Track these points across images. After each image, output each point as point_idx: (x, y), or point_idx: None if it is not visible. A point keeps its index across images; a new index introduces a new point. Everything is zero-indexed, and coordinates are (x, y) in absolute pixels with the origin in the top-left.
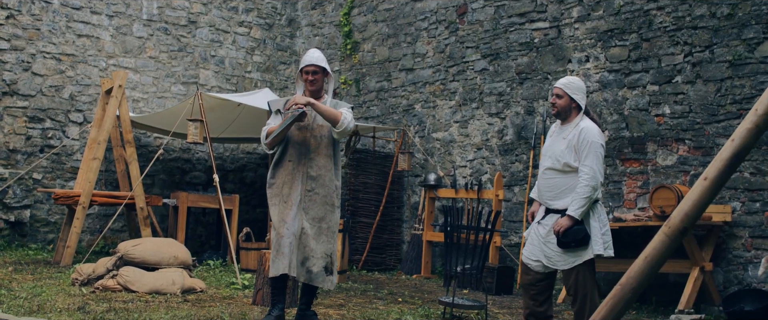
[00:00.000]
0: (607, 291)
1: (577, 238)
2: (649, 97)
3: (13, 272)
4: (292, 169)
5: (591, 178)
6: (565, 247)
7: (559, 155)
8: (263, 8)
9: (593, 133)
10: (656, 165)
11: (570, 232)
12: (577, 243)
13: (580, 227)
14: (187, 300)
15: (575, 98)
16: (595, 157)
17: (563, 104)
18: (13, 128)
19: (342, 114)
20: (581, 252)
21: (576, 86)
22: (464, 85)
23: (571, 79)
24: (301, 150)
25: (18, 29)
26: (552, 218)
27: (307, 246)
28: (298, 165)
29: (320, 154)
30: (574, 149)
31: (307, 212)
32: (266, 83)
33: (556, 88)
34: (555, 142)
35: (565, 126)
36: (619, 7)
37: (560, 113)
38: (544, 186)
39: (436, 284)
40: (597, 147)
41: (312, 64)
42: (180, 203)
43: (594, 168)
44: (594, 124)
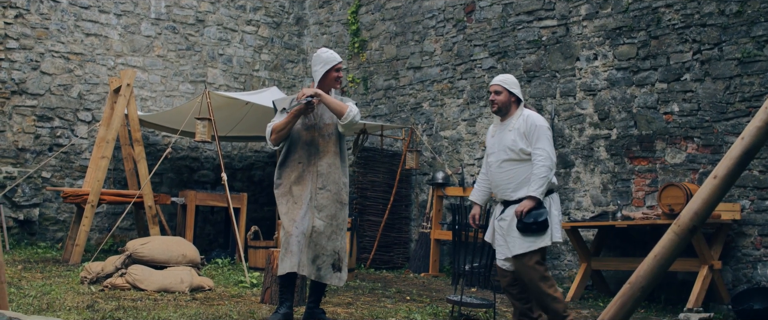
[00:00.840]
0: (616, 289)
1: (538, 221)
2: (658, 94)
3: (22, 270)
4: (302, 170)
5: (545, 159)
6: (526, 230)
7: (511, 145)
8: (271, 7)
9: (539, 118)
10: (665, 164)
11: (533, 214)
12: (538, 227)
13: (543, 210)
14: (196, 298)
15: (514, 92)
16: (546, 140)
17: (503, 100)
18: (22, 127)
19: (348, 106)
20: (538, 238)
21: (511, 81)
22: (472, 83)
23: (506, 75)
24: (310, 149)
25: (27, 28)
26: (512, 209)
27: (319, 244)
28: (308, 164)
29: (328, 152)
30: (525, 135)
31: (318, 210)
32: (274, 82)
33: (494, 85)
34: (502, 136)
35: (507, 120)
36: (628, 5)
37: (501, 109)
38: (502, 180)
39: (444, 282)
40: (545, 130)
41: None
42: (188, 201)
43: (546, 150)
44: (536, 113)
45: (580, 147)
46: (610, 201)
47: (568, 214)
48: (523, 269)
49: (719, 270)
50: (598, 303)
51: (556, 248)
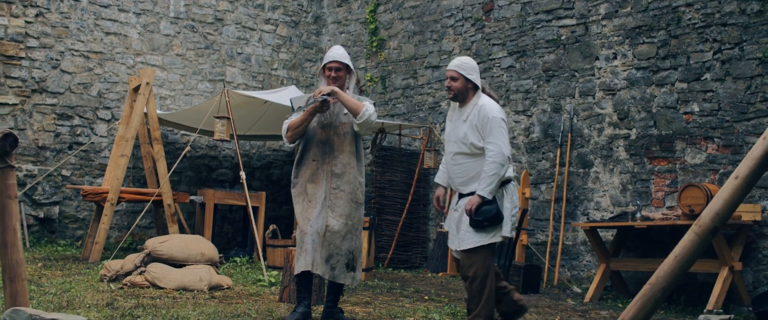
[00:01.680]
0: (635, 290)
1: (489, 216)
2: (678, 94)
3: (42, 268)
4: (316, 168)
5: (497, 155)
6: (478, 227)
7: (462, 138)
8: (289, 6)
9: (493, 109)
10: (685, 164)
11: (483, 211)
12: (489, 223)
13: (494, 206)
14: (214, 296)
15: (470, 78)
16: (499, 133)
17: (459, 86)
18: (42, 125)
19: (364, 105)
20: (488, 234)
21: (469, 66)
22: (490, 82)
23: (463, 59)
24: (325, 148)
25: (47, 27)
26: (464, 202)
27: (333, 243)
28: (322, 163)
29: (344, 151)
30: (477, 128)
31: (332, 210)
32: (292, 80)
33: (450, 70)
34: (456, 126)
35: (464, 108)
36: (647, 4)
37: (457, 96)
38: (454, 172)
39: (461, 282)
40: (498, 122)
41: (335, 61)
42: (207, 200)
43: (499, 145)
44: (492, 101)
45: (599, 147)
46: (629, 202)
47: (587, 214)
48: (467, 263)
49: (739, 272)
50: (617, 304)
51: (576, 248)
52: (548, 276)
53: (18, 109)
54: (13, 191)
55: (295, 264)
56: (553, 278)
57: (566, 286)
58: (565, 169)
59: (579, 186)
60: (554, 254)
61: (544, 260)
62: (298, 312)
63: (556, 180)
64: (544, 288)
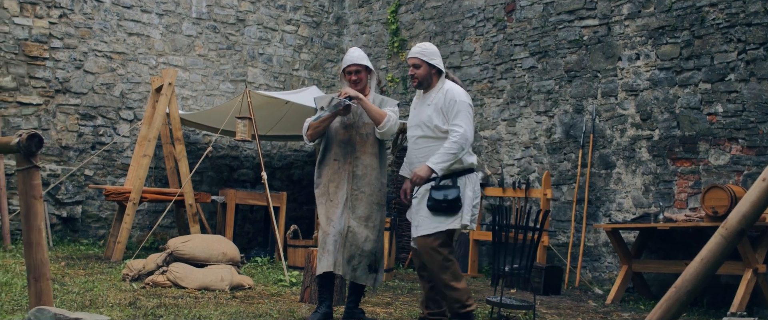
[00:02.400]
0: (657, 292)
1: (448, 199)
2: (701, 95)
3: (65, 267)
4: (337, 168)
5: (460, 137)
6: (436, 209)
7: (426, 120)
8: (311, 6)
9: (459, 93)
10: (708, 165)
11: (442, 191)
12: (448, 206)
13: (455, 189)
14: (236, 296)
15: (433, 63)
16: (465, 116)
17: (423, 73)
18: (65, 125)
19: (387, 115)
20: (447, 219)
21: (431, 51)
22: (512, 83)
23: (424, 45)
24: (347, 148)
25: (70, 28)
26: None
27: (354, 244)
28: (344, 163)
29: (366, 152)
30: (442, 111)
31: (353, 211)
32: (313, 81)
33: (411, 58)
34: (421, 110)
35: (428, 93)
36: (671, 4)
37: (421, 83)
38: (415, 157)
39: (482, 283)
40: (465, 106)
41: (354, 64)
42: (228, 200)
43: (464, 127)
44: (457, 86)
45: (621, 148)
46: (651, 203)
47: (609, 216)
48: (425, 250)
49: (764, 274)
50: (640, 306)
51: (597, 250)
52: (570, 278)
53: (42, 109)
54: (38, 191)
55: (317, 264)
56: (575, 279)
57: (588, 288)
58: (587, 170)
59: (601, 188)
60: (576, 255)
61: (565, 261)
62: (319, 312)
63: (577, 181)
64: (565, 289)
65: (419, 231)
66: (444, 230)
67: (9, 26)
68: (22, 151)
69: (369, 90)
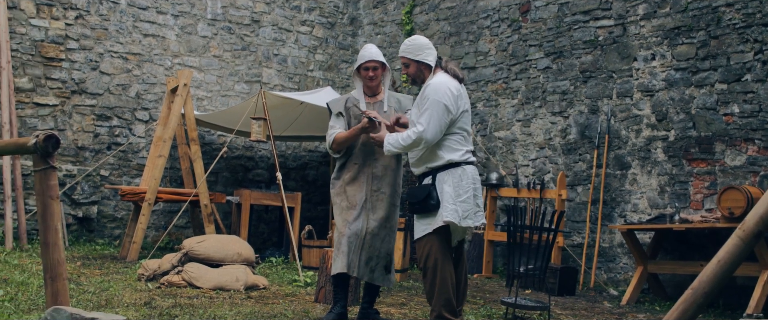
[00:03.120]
0: (674, 293)
1: (419, 199)
2: (718, 95)
3: (81, 266)
4: (357, 170)
5: (417, 134)
6: (413, 211)
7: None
8: (325, 7)
9: (436, 90)
10: (724, 166)
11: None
12: (421, 207)
13: (423, 187)
14: (251, 296)
15: (420, 59)
16: (431, 114)
17: (413, 71)
18: (81, 126)
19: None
20: (431, 220)
21: (416, 45)
22: (527, 83)
23: (410, 40)
24: (366, 150)
25: (86, 29)
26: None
27: (373, 246)
28: (364, 165)
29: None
30: (418, 106)
31: (373, 212)
32: (328, 82)
33: (401, 57)
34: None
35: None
36: (687, 4)
37: (415, 80)
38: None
39: (497, 284)
40: (435, 103)
41: (371, 60)
42: (243, 200)
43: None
44: (442, 80)
45: (637, 148)
46: (667, 204)
47: (624, 216)
48: (420, 254)
49: None
50: (655, 307)
51: (612, 250)
52: (585, 279)
53: (58, 110)
54: (54, 191)
55: (333, 265)
56: (590, 280)
57: (603, 289)
58: (602, 171)
59: (616, 188)
60: (591, 256)
61: (580, 262)
62: (334, 312)
63: (592, 181)
64: (580, 290)
65: (415, 236)
66: (431, 232)
67: (26, 27)
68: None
69: (382, 88)
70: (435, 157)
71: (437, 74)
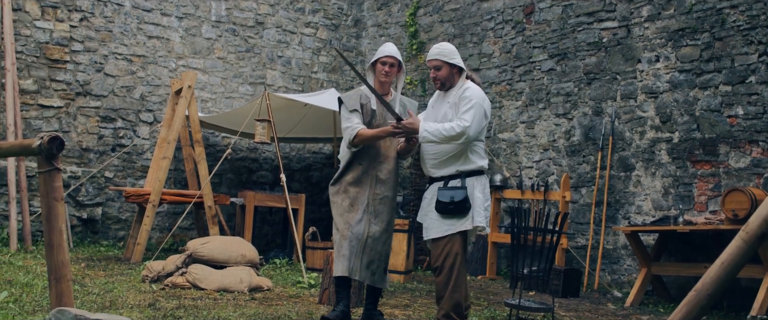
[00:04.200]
0: (677, 295)
1: (455, 201)
2: (722, 97)
3: (85, 268)
4: (362, 172)
5: (463, 127)
6: (444, 211)
7: (442, 117)
8: (329, 9)
9: (477, 93)
10: (728, 168)
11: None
12: (455, 208)
13: (461, 190)
14: (255, 298)
15: (454, 62)
16: (476, 113)
17: (444, 74)
18: (86, 128)
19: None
20: (458, 221)
21: (450, 50)
22: (531, 85)
23: (442, 45)
24: (371, 152)
25: (91, 31)
26: (434, 187)
27: (374, 249)
28: (369, 168)
29: (389, 156)
30: (456, 107)
31: (375, 216)
32: (332, 83)
33: (432, 60)
34: (439, 107)
35: (449, 92)
36: (691, 6)
37: (444, 83)
38: (428, 154)
39: (501, 285)
40: (479, 105)
41: (390, 55)
42: (247, 202)
43: (470, 122)
44: (479, 89)
45: (641, 150)
46: (671, 206)
47: (628, 218)
48: (435, 253)
49: None
50: (659, 309)
51: (616, 252)
52: (588, 280)
53: (62, 111)
54: (59, 193)
55: (334, 267)
56: (594, 282)
57: (607, 290)
58: (606, 173)
59: (620, 190)
60: (595, 258)
61: (584, 264)
62: (337, 310)
63: (596, 183)
64: (584, 292)
65: (430, 234)
66: (455, 232)
67: (31, 29)
68: (43, 154)
69: (393, 89)
70: (468, 160)
71: (468, 82)
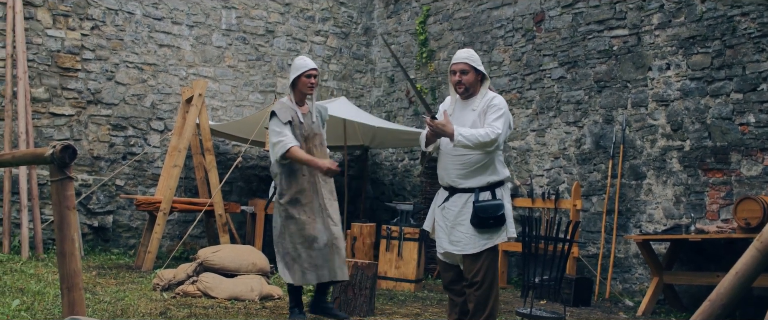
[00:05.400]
0: (689, 304)
1: (495, 215)
2: (733, 105)
3: (96, 276)
4: (306, 181)
5: (495, 135)
6: (482, 226)
7: (471, 124)
8: (339, 17)
9: (504, 103)
10: (740, 176)
11: (489, 208)
12: (495, 222)
13: (500, 203)
14: (265, 306)
15: (480, 69)
16: (504, 121)
17: (471, 79)
18: (97, 136)
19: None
20: (494, 235)
21: (476, 57)
22: (541, 93)
23: (469, 51)
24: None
25: (102, 40)
26: (460, 198)
27: (339, 248)
28: (311, 176)
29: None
30: (483, 115)
31: (331, 218)
32: (342, 91)
33: (460, 64)
34: (463, 115)
35: (471, 99)
36: (702, 14)
37: (468, 88)
38: (453, 164)
39: (511, 294)
40: (507, 114)
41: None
42: (257, 210)
43: (501, 129)
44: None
45: (652, 158)
46: (683, 214)
47: (639, 227)
48: (473, 268)
49: None
50: (671, 318)
51: (628, 261)
52: (600, 289)
53: (74, 119)
54: (71, 202)
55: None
56: (605, 291)
57: (618, 299)
58: (617, 181)
59: (631, 198)
60: (606, 267)
61: (595, 273)
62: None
63: (607, 192)
64: (595, 301)
65: (466, 249)
66: (492, 247)
67: (42, 38)
68: (56, 163)
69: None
70: (497, 172)
71: (491, 91)
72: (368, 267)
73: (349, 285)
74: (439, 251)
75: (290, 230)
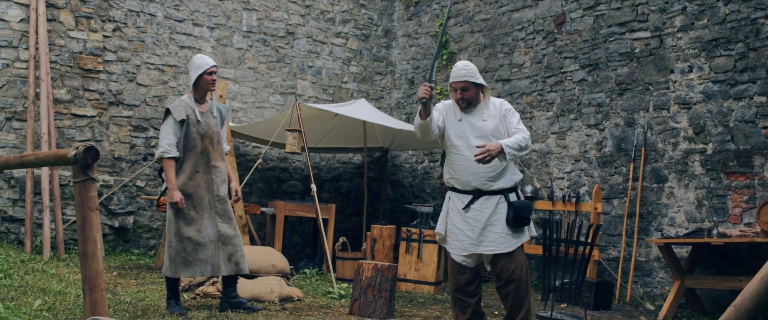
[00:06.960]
0: (712, 308)
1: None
2: (756, 108)
3: (117, 276)
4: (199, 179)
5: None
6: (519, 225)
7: (492, 132)
8: (360, 19)
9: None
10: (763, 180)
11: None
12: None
13: (529, 204)
14: (285, 308)
15: (480, 82)
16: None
17: (472, 94)
18: (118, 137)
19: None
20: (522, 233)
21: (473, 70)
22: (562, 95)
23: (467, 66)
24: (203, 157)
25: (124, 41)
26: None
27: (230, 243)
28: (204, 174)
29: (219, 159)
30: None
31: (220, 216)
32: (362, 94)
33: (460, 82)
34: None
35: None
36: (725, 16)
37: (470, 102)
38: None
39: (532, 297)
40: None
41: (215, 66)
42: (277, 212)
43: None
44: None
45: (674, 161)
46: (705, 218)
47: (661, 230)
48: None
49: None
50: None
51: (649, 264)
52: (621, 293)
53: (95, 121)
54: (93, 203)
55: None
56: (626, 295)
57: (639, 303)
58: (639, 184)
59: (653, 202)
60: (627, 270)
61: (616, 276)
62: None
63: (628, 195)
64: (616, 304)
65: (501, 249)
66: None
67: (65, 39)
68: (78, 164)
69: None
70: (516, 171)
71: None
72: (388, 270)
73: (369, 287)
74: (460, 254)
75: (177, 224)
